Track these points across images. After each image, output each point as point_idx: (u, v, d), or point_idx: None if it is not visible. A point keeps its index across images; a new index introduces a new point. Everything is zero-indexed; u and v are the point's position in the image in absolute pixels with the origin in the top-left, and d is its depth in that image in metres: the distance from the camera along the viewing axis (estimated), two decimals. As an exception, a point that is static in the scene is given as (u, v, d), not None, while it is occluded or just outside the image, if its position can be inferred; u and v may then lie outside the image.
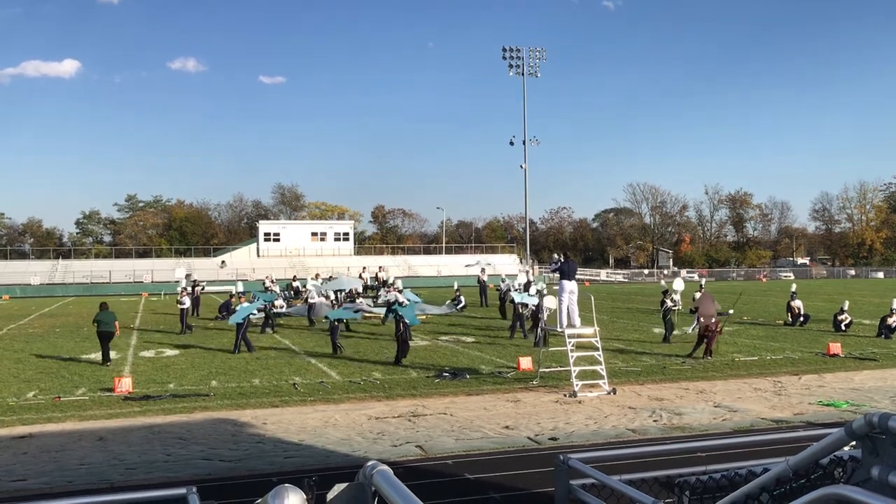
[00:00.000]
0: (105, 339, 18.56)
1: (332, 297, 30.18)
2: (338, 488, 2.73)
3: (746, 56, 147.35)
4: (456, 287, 37.56)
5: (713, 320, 18.27)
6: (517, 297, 24.11)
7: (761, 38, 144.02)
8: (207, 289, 32.83)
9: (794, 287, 30.24)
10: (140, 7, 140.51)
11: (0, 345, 22.78)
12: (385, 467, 2.64)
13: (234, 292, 33.36)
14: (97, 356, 19.65)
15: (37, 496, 8.49)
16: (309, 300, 29.14)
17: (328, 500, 2.71)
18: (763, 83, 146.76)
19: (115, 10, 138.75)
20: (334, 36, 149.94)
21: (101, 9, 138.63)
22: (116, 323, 19.00)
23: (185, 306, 25.81)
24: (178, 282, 29.11)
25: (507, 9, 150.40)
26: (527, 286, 31.60)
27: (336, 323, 20.79)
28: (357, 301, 32.27)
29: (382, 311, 31.11)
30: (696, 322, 19.53)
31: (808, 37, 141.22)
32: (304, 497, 2.60)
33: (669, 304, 22.23)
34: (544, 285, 27.09)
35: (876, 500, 2.01)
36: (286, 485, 2.63)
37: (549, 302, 21.36)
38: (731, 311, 20.96)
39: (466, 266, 34.98)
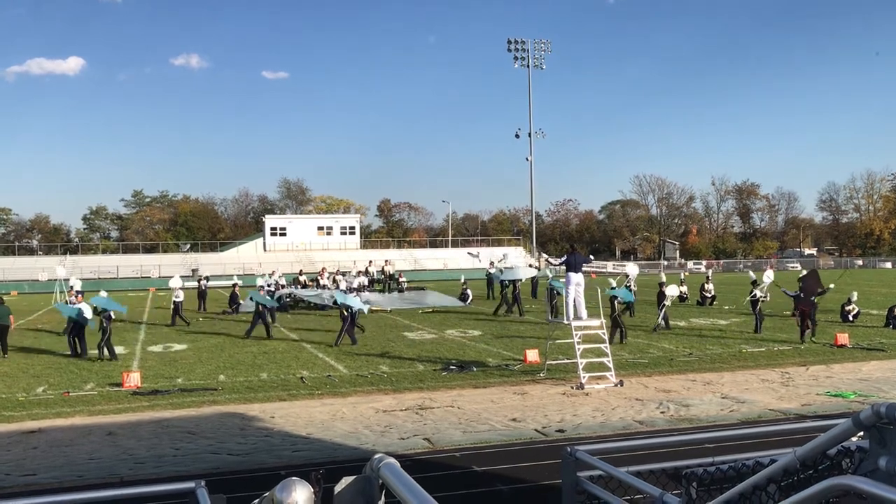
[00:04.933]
0: (1, 332, 19.28)
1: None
2: (345, 481, 2.73)
3: (752, 46, 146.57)
4: (463, 280, 37.50)
5: (812, 298, 19.20)
6: (339, 298, 21.85)
7: (767, 28, 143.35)
8: (211, 283, 32.84)
9: (801, 278, 30.14)
10: (143, 4, 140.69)
11: (9, 340, 22.89)
12: (392, 460, 2.65)
13: (239, 284, 33.46)
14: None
15: (47, 490, 8.55)
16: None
17: (335, 493, 2.72)
18: (769, 73, 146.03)
19: (119, 8, 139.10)
20: (336, 31, 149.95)
21: (105, 6, 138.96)
22: (11, 317, 19.87)
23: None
24: (65, 280, 28.78)
25: (508, 3, 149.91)
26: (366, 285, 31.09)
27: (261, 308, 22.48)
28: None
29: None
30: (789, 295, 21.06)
31: (814, 26, 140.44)
32: (312, 490, 2.61)
33: (759, 294, 22.21)
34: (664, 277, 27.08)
35: (883, 491, 2.01)
36: (293, 478, 2.64)
37: (672, 290, 21.43)
38: (832, 286, 21.63)
39: (469, 254, 35.26)
